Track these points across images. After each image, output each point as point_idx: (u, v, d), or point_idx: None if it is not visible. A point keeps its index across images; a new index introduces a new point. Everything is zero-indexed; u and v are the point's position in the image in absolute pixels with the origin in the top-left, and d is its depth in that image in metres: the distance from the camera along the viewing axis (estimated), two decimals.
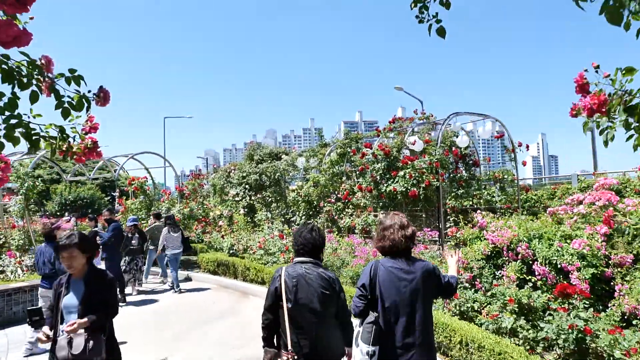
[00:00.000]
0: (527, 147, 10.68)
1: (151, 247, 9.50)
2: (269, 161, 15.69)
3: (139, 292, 9.27)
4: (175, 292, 9.02)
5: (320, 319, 2.57)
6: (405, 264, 2.57)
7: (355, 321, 2.69)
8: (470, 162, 11.08)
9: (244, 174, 15.75)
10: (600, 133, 2.76)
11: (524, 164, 10.93)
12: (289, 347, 2.52)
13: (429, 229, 8.27)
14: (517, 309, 4.09)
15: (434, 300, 5.22)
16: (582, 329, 3.26)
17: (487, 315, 4.44)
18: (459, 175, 10.74)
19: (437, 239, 8.24)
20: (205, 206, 13.04)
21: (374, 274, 2.58)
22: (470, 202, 11.53)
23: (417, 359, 2.46)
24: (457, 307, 4.76)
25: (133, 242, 8.66)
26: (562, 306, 3.61)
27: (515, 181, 10.80)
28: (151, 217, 10.51)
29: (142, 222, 11.34)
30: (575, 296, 3.60)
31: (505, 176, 10.69)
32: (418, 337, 2.48)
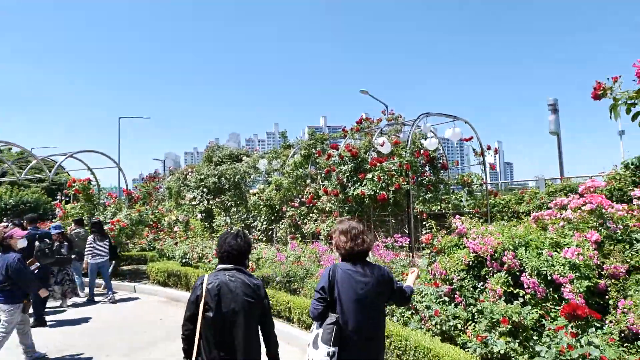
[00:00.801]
0: (496, 150, 10.46)
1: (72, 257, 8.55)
2: (229, 163, 14.80)
3: (74, 305, 8.24)
4: (90, 302, 8.50)
5: (244, 328, 2.51)
6: (362, 267, 2.67)
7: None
8: (439, 165, 10.72)
9: (202, 177, 14.78)
10: (634, 118, 2.25)
11: (492, 167, 10.71)
12: (196, 357, 2.47)
13: (399, 235, 7.73)
14: (508, 330, 3.55)
15: (410, 319, 4.65)
16: (597, 358, 2.74)
17: (472, 335, 3.88)
18: (427, 178, 10.35)
19: (405, 245, 7.70)
20: (157, 211, 11.96)
21: (332, 277, 2.63)
22: (439, 207, 11.18)
23: (372, 358, 2.60)
24: (438, 326, 4.17)
25: (62, 250, 7.64)
26: (571, 330, 3.08)
27: (484, 185, 10.52)
28: (72, 223, 9.55)
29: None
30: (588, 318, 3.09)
31: (475, 180, 10.40)
32: (374, 337, 2.63)
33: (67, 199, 11.83)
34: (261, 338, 2.70)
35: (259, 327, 2.67)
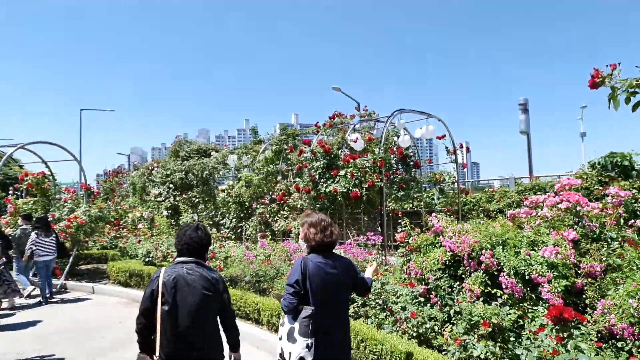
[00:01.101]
0: (468, 148, 10.50)
1: (14, 255, 7.98)
2: (197, 158, 14.26)
3: (24, 307, 7.68)
4: (42, 303, 7.96)
5: (200, 322, 2.48)
6: (330, 259, 2.74)
7: (281, 319, 2.71)
8: (411, 163, 10.65)
9: (168, 172, 14.17)
10: (634, 108, 2.11)
11: (464, 166, 10.75)
12: (159, 352, 2.41)
13: (372, 234, 7.56)
14: (488, 333, 3.41)
15: (384, 321, 4.46)
16: None
17: (449, 337, 3.72)
18: (399, 176, 10.25)
19: (377, 243, 7.53)
20: (119, 207, 11.35)
21: (304, 269, 2.64)
22: (411, 205, 11.13)
23: (344, 347, 2.71)
24: (415, 329, 3.99)
25: None
26: (556, 334, 2.94)
27: (455, 183, 10.54)
28: (19, 218, 9.01)
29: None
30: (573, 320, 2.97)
31: (447, 178, 10.39)
32: (344, 326, 2.76)
33: (19, 194, 11.05)
34: (222, 332, 2.70)
35: (219, 321, 2.65)
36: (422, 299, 4.43)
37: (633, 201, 5.28)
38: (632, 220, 4.41)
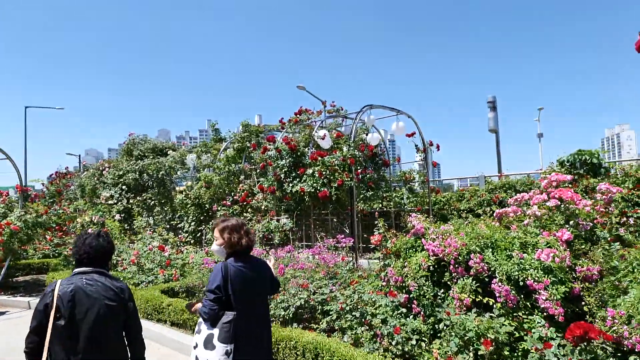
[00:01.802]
0: (438, 147, 10.20)
1: None
2: (152, 157, 13.29)
3: None
4: None
5: (104, 336, 2.32)
6: (249, 262, 2.74)
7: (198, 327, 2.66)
8: (380, 161, 10.25)
9: (121, 173, 13.14)
10: None
11: (434, 164, 10.51)
12: None
13: (342, 236, 7.04)
14: (489, 353, 2.94)
15: (361, 336, 3.93)
16: None
17: (439, 356, 3.24)
18: (368, 175, 9.83)
19: (346, 246, 7.02)
20: (62, 211, 10.28)
21: (226, 275, 2.60)
22: (380, 205, 10.75)
23: (265, 349, 2.71)
24: (400, 347, 3.48)
25: None
26: (579, 356, 2.50)
27: (424, 183, 10.24)
28: None
29: None
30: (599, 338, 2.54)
31: (417, 177, 10.08)
32: (266, 329, 2.78)
33: None
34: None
35: (124, 334, 2.48)
36: (404, 310, 3.94)
37: None
38: (625, 219, 4.12)
